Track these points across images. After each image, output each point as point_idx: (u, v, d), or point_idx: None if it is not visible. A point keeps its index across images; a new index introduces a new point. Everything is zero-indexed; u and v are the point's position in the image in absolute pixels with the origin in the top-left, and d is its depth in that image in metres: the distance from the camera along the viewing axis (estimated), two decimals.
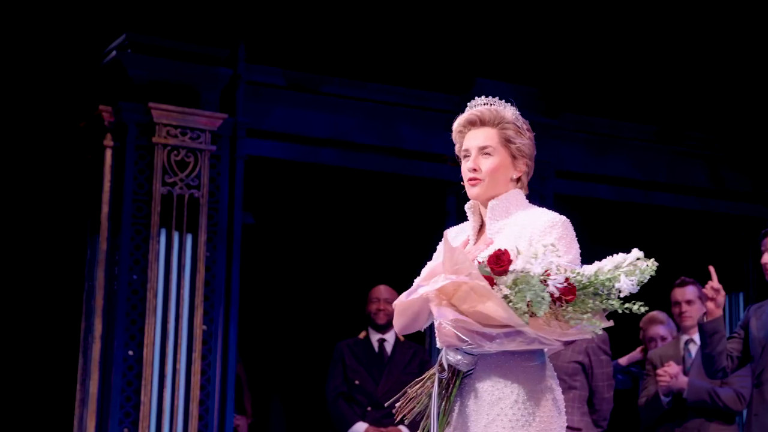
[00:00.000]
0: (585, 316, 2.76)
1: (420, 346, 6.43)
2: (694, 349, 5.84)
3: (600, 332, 2.79)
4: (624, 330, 6.21)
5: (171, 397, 5.94)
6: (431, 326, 3.19)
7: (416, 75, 6.94)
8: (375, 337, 6.26)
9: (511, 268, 2.78)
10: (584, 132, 7.34)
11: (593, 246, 3.30)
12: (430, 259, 3.13)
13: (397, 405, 3.05)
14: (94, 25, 6.27)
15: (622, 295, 2.79)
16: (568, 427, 3.00)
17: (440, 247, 3.18)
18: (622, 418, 6.30)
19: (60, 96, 6.38)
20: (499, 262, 2.79)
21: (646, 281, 2.82)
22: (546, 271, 2.76)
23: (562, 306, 2.76)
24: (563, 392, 3.04)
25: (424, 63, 6.97)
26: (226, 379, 6.16)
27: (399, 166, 6.90)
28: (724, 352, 4.99)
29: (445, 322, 2.81)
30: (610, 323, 2.84)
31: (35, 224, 6.41)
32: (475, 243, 3.09)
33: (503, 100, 3.11)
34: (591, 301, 2.77)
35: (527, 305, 2.74)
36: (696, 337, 5.85)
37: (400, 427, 6.02)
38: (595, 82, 7.28)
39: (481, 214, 3.11)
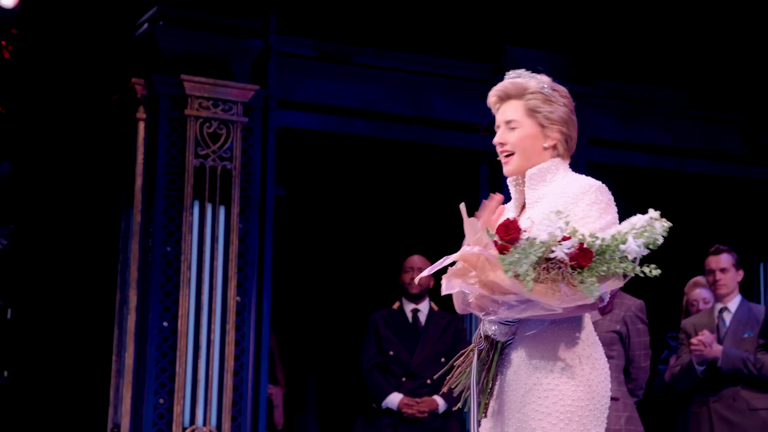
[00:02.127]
0: (590, 280, 2.73)
1: (454, 315, 6.43)
2: (728, 317, 5.81)
3: (597, 294, 2.73)
4: (664, 299, 6.22)
5: (205, 367, 5.99)
6: None
7: (447, 44, 6.91)
8: (409, 307, 6.27)
9: (525, 236, 2.77)
10: (617, 99, 7.28)
11: (628, 215, 3.28)
12: (462, 228, 3.13)
13: (446, 379, 3.05)
14: None
15: (630, 258, 2.75)
16: None
17: None
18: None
19: (93, 69, 6.40)
20: (508, 231, 2.79)
21: (659, 244, 2.76)
22: (557, 238, 2.74)
23: (575, 270, 2.74)
24: None
25: (454, 32, 6.93)
26: (259, 349, 6.19)
27: (431, 136, 6.88)
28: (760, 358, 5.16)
29: (471, 294, 2.82)
30: (621, 284, 2.79)
31: (69, 198, 6.45)
32: (519, 215, 3.09)
33: (530, 71, 3.08)
34: (604, 265, 2.74)
35: (564, 265, 2.73)
36: (730, 305, 5.84)
37: (435, 397, 6.03)
38: (628, 48, 7.21)
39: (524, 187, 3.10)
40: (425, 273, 2.98)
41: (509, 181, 3.13)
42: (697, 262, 5.96)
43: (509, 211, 3.13)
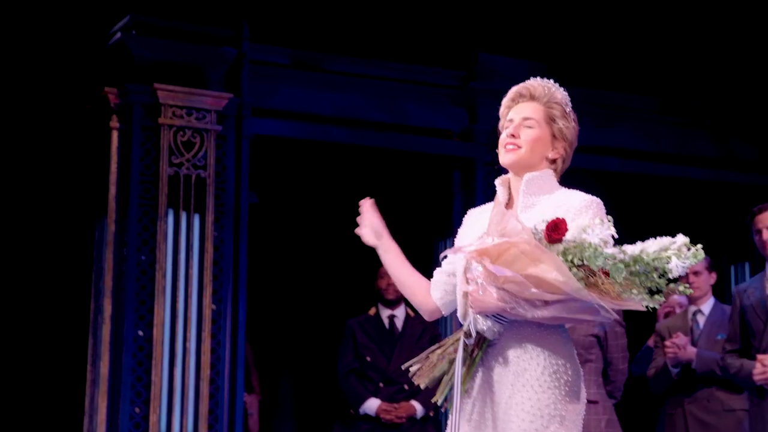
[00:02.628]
0: (634, 291, 2.80)
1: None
2: (702, 320, 5.87)
3: (655, 305, 2.83)
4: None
5: (181, 376, 5.97)
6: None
7: (420, 51, 6.93)
8: (385, 313, 6.28)
9: (566, 238, 2.80)
10: (590, 105, 7.32)
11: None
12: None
13: (412, 369, 3.05)
14: (98, 7, 6.26)
15: (670, 276, 2.82)
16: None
17: (461, 230, 3.19)
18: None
19: (65, 78, 6.38)
20: (557, 230, 2.80)
21: (693, 265, 2.88)
22: (603, 242, 2.79)
23: (607, 279, 2.78)
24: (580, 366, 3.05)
25: (427, 39, 6.95)
26: (235, 357, 6.18)
27: (404, 143, 6.89)
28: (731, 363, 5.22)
29: (492, 285, 2.79)
30: (662, 299, 2.88)
31: (43, 207, 6.42)
32: None
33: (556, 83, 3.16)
34: (637, 279, 2.80)
35: (601, 272, 2.76)
36: (704, 307, 5.89)
37: (413, 402, 6.04)
38: (599, 54, 7.26)
39: (510, 189, 3.12)
40: (448, 251, 3.00)
41: (497, 182, 3.14)
42: None
43: (485, 213, 3.14)
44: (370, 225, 3.27)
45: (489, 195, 6.57)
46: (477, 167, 6.77)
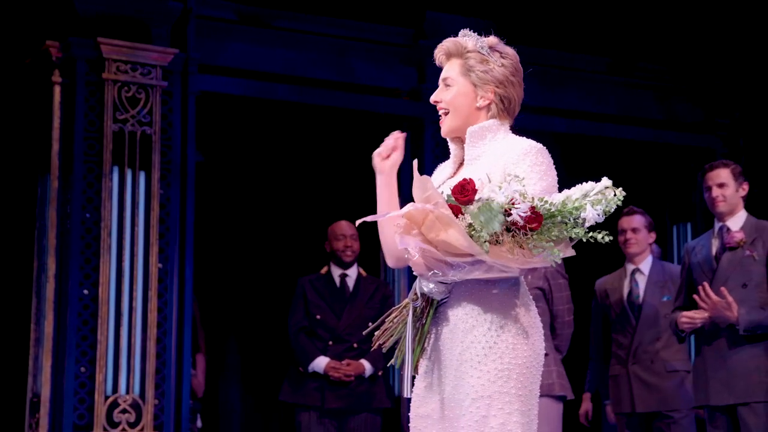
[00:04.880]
0: (548, 245, 2.75)
1: (382, 281, 6.45)
2: (641, 279, 5.91)
3: (559, 261, 2.77)
4: (578, 261, 6.30)
5: (128, 335, 5.91)
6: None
7: (369, 8, 6.87)
8: (337, 272, 6.25)
9: (476, 197, 2.78)
10: (537, 64, 7.30)
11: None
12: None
13: (375, 334, 3.04)
14: None
15: (587, 225, 2.77)
16: None
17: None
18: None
19: (4, 31, 6.22)
20: (464, 192, 2.80)
21: (612, 211, 2.80)
22: (511, 200, 2.75)
23: (526, 234, 2.75)
24: None
25: None
26: (182, 316, 6.13)
27: (353, 101, 6.84)
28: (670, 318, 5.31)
29: (411, 250, 2.80)
30: (573, 253, 2.83)
31: None
32: (456, 172, 3.13)
33: (471, 31, 3.12)
34: (556, 229, 2.76)
35: (482, 228, 2.73)
36: (642, 266, 5.93)
37: (362, 361, 6.05)
38: (548, 13, 7.25)
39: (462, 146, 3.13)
40: (368, 218, 2.92)
41: (449, 138, 3.16)
42: (615, 225, 6.05)
43: (446, 168, 3.18)
44: (394, 160, 3.14)
45: (438, 155, 6.57)
46: (426, 126, 6.75)
